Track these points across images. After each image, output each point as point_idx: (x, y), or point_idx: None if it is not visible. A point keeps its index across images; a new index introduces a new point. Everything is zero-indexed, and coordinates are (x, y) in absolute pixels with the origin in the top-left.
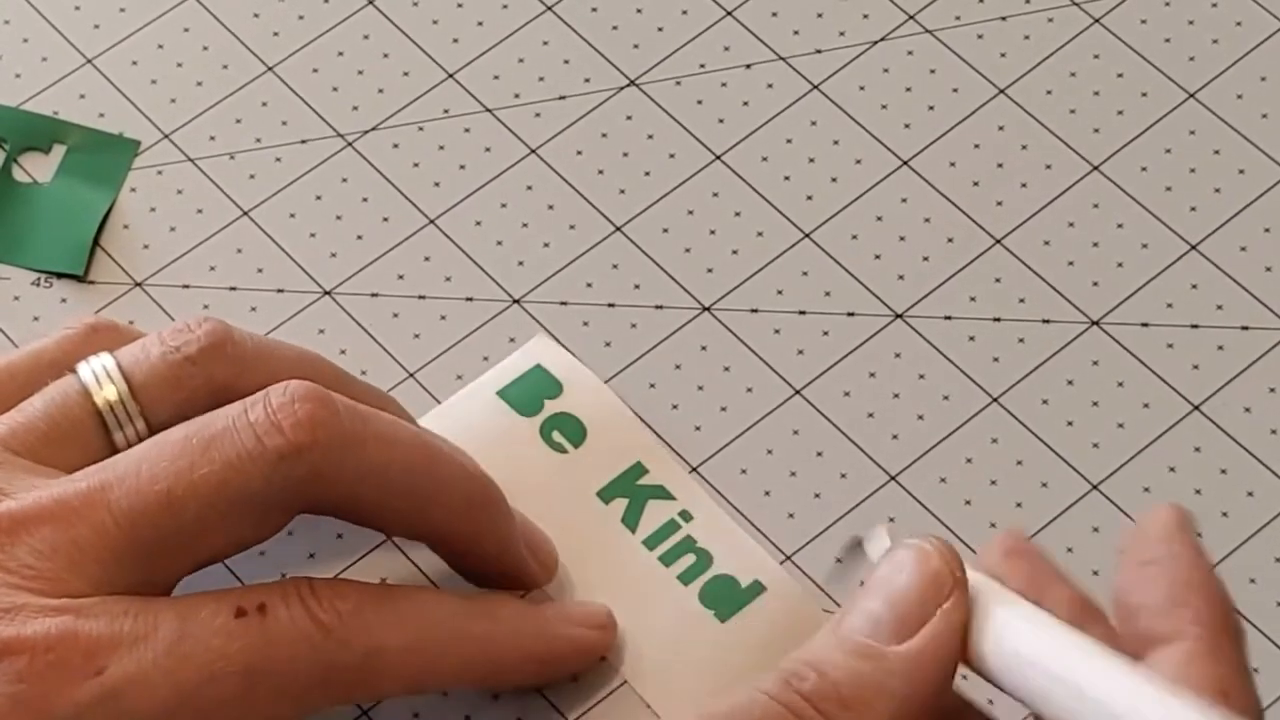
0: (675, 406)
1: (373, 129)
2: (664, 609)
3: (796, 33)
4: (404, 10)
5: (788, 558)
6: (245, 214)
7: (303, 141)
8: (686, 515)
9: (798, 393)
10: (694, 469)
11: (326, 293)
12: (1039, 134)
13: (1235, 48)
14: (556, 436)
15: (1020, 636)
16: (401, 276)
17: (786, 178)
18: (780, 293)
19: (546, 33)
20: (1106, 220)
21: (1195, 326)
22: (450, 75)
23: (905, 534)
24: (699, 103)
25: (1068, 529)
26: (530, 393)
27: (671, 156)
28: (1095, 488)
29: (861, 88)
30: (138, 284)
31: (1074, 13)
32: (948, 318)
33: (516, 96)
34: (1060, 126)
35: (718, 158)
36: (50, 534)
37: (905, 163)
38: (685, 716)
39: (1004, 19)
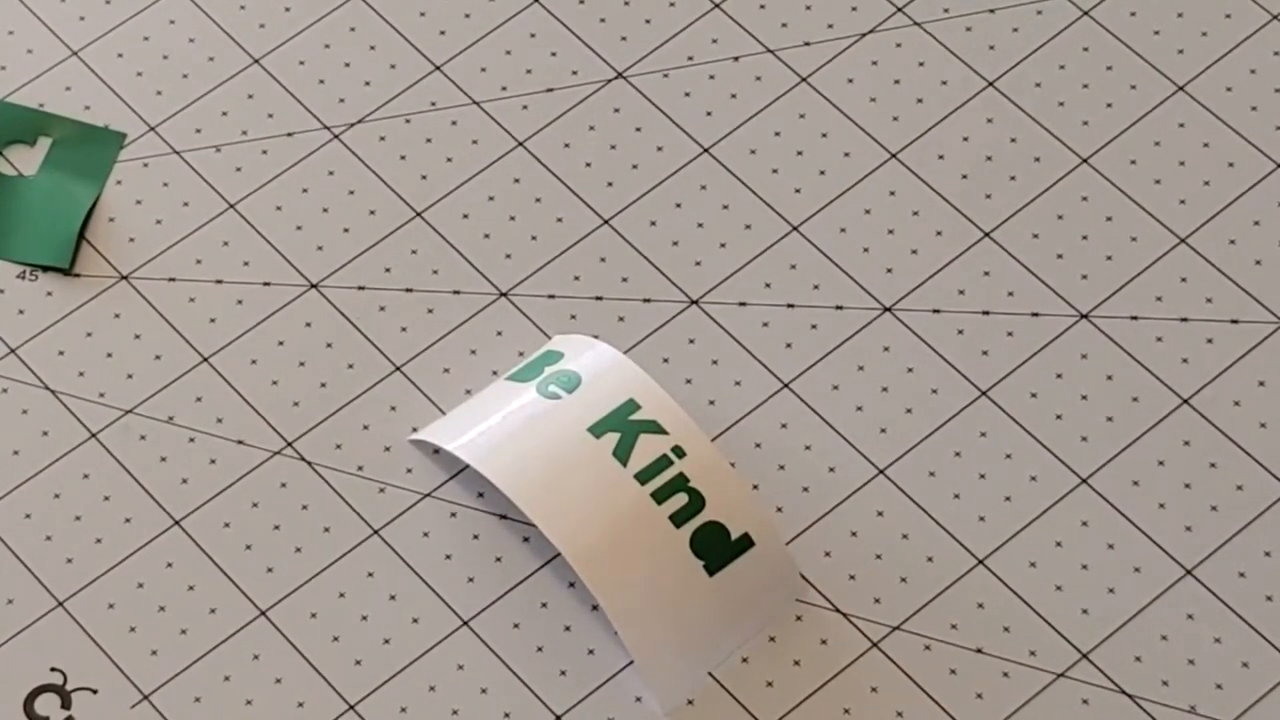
0: None
1: (359, 121)
2: (655, 552)
3: (785, 25)
4: (391, 2)
5: None
6: (231, 207)
7: (289, 134)
8: (679, 451)
9: (786, 386)
10: None
11: (313, 285)
12: (1028, 127)
13: (1225, 40)
14: (551, 388)
15: None
16: (388, 269)
17: (775, 170)
18: (768, 286)
19: (534, 25)
20: (1096, 213)
21: (1185, 320)
22: (437, 68)
23: (893, 528)
24: (687, 95)
25: (1056, 523)
26: (534, 368)
27: (659, 149)
28: (1084, 481)
29: (850, 80)
30: (124, 277)
31: (1063, 5)
32: (936, 311)
33: (504, 89)
34: (1049, 119)
35: (706, 150)
36: None
37: (894, 155)
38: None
39: (992, 11)
